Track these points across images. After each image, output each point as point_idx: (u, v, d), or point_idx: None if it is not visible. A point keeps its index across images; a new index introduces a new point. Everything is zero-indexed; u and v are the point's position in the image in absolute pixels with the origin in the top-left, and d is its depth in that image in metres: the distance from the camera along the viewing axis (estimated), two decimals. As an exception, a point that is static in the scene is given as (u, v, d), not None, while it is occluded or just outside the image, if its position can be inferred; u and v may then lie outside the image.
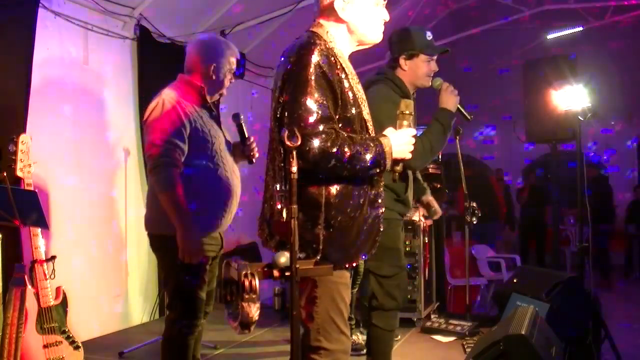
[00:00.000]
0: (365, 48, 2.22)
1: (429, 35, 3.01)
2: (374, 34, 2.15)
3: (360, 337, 4.12)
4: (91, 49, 4.68)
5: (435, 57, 3.02)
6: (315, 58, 1.99)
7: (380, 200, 2.17)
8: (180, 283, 2.65)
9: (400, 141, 2.09)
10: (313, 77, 1.98)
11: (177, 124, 2.58)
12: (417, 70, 3.00)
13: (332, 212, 2.03)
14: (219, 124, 2.82)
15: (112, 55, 4.92)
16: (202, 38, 2.94)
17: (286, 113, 2.01)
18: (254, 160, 2.92)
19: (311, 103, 1.97)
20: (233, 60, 2.83)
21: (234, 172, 2.80)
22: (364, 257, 2.18)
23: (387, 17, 2.15)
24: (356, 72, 2.19)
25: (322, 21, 2.13)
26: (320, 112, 1.97)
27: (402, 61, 3.01)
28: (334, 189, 2.04)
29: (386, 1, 2.15)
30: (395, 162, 2.10)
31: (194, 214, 2.61)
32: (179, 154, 2.57)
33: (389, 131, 2.11)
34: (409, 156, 2.13)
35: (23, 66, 3.88)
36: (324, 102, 1.98)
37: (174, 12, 5.29)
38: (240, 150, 2.89)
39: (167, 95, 2.67)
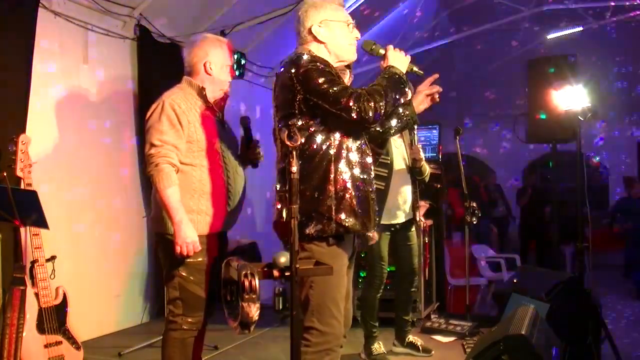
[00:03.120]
0: (345, 64, 2.54)
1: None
2: (347, 54, 2.50)
3: (382, 347, 4.09)
4: (91, 49, 4.67)
5: None
6: (308, 59, 2.32)
7: (373, 185, 2.46)
8: (180, 280, 2.67)
9: (396, 56, 2.44)
10: (314, 68, 2.29)
11: (175, 124, 2.64)
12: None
13: (338, 186, 2.30)
14: (222, 124, 2.84)
15: (112, 55, 4.92)
16: (194, 38, 2.97)
17: (319, 102, 2.26)
18: (257, 163, 2.97)
19: (328, 80, 2.27)
20: (225, 53, 2.84)
21: (237, 172, 2.82)
22: (370, 233, 2.46)
23: (358, 36, 2.51)
24: (355, 73, 2.51)
25: (306, 46, 2.46)
26: (338, 83, 2.28)
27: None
28: (338, 169, 2.32)
29: (354, 21, 2.52)
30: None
31: (193, 213, 2.66)
32: (176, 154, 2.64)
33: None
34: (408, 59, 2.47)
35: (23, 66, 3.88)
36: (335, 78, 2.30)
37: (174, 12, 5.29)
38: (244, 152, 2.94)
39: (168, 97, 2.72)
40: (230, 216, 2.82)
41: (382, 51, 2.49)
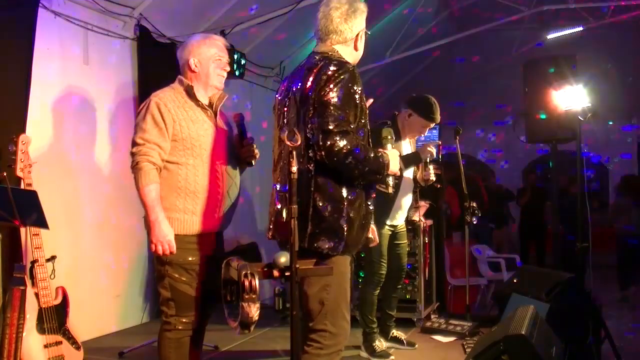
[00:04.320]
0: None
1: (437, 112, 3.94)
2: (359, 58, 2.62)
3: (383, 344, 4.10)
4: (91, 49, 4.67)
5: (431, 125, 4.04)
6: (346, 73, 2.32)
7: (371, 207, 2.51)
8: (170, 281, 2.66)
9: (392, 158, 2.51)
10: (344, 89, 2.30)
11: (159, 123, 2.64)
12: (413, 125, 4.02)
13: (349, 208, 2.36)
14: (215, 123, 2.80)
15: (112, 55, 4.92)
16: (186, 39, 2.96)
17: (316, 115, 2.30)
18: (252, 162, 2.92)
19: (338, 109, 2.29)
20: (210, 48, 2.80)
21: (226, 172, 2.78)
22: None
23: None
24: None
25: (335, 46, 2.49)
26: (344, 116, 2.29)
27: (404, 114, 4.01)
28: (350, 189, 2.38)
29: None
30: (387, 175, 2.54)
31: (180, 212, 2.65)
32: (158, 153, 2.63)
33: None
34: (398, 173, 2.60)
35: (23, 66, 3.88)
36: (348, 110, 2.31)
37: (174, 12, 5.29)
38: (238, 150, 2.89)
39: (156, 96, 2.72)
40: (222, 216, 2.78)
41: (389, 145, 2.75)
